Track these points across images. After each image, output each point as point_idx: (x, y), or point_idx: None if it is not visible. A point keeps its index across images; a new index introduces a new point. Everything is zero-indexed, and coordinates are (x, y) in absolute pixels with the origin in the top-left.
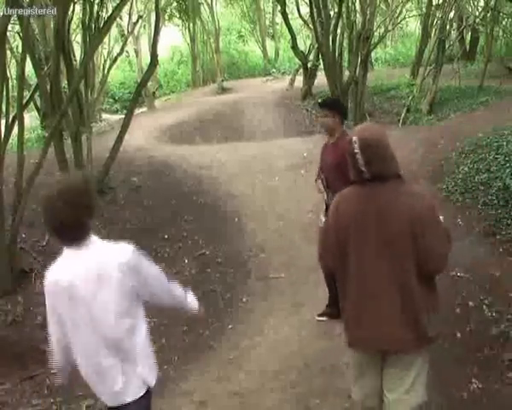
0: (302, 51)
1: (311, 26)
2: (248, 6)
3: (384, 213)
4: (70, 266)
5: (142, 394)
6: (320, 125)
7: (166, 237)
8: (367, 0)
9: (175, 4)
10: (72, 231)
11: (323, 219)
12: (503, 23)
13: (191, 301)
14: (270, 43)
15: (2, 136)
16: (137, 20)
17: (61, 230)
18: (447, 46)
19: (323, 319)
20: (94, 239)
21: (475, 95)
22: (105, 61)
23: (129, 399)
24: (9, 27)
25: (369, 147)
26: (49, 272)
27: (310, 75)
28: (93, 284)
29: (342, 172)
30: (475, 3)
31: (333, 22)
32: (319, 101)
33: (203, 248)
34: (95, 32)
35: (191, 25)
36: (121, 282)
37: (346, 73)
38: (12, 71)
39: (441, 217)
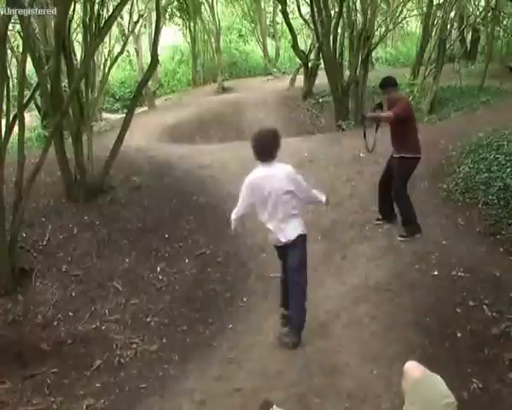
0: (303, 51)
1: (311, 25)
2: (249, 5)
3: None
4: (262, 172)
5: (296, 236)
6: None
7: (167, 236)
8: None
9: (176, 4)
10: (268, 152)
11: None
12: (504, 23)
13: (321, 198)
14: (270, 43)
15: (3, 135)
16: (138, 20)
17: (264, 150)
18: (448, 46)
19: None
20: (276, 162)
21: (476, 94)
22: (105, 60)
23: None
24: (10, 27)
25: None
26: (250, 175)
27: (310, 75)
28: (272, 180)
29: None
30: (476, 3)
31: (333, 22)
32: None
33: (203, 247)
34: (95, 32)
35: (192, 24)
36: (285, 181)
37: (347, 73)
38: (13, 70)
39: None
